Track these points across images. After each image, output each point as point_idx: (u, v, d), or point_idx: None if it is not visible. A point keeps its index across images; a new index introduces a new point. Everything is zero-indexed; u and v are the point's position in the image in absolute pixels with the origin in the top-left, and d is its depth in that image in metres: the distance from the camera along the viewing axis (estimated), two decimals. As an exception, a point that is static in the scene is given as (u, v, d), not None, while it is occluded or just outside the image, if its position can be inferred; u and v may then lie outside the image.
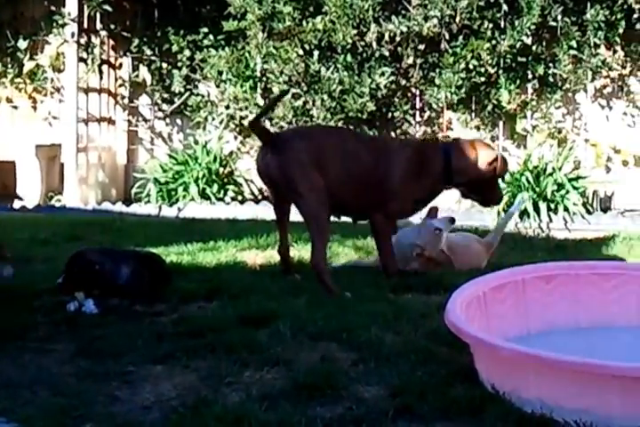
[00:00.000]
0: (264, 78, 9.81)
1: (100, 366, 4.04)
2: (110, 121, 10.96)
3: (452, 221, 6.22)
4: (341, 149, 5.63)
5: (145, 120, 10.99)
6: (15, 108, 11.05)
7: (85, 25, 10.46)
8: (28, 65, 10.74)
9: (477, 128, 10.19)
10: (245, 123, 9.86)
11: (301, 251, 6.50)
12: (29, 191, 10.21)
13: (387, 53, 9.70)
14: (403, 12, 9.62)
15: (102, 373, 3.97)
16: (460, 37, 9.63)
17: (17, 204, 10.05)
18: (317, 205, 5.45)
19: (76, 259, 5.18)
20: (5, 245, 5.38)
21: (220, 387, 3.81)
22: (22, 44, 10.72)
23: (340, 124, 9.57)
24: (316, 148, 5.54)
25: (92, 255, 5.27)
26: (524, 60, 9.80)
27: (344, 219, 6.04)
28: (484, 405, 3.50)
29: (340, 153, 5.60)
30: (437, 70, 9.69)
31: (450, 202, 9.76)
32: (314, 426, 3.37)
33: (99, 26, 10.68)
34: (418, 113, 10.14)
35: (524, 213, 8.83)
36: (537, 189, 8.96)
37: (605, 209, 9.81)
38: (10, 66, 10.80)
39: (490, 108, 9.93)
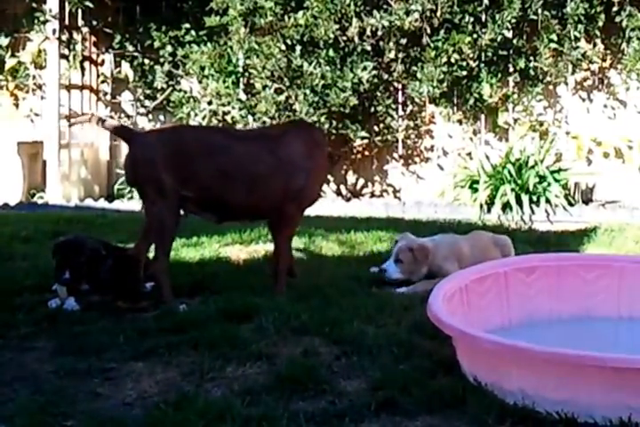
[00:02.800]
0: (246, 74, 9.78)
1: (82, 363, 4.04)
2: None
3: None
4: (211, 145, 5.12)
5: (127, 116, 10.96)
6: (-4, 105, 11.02)
7: (67, 21, 10.40)
8: (10, 62, 10.68)
9: (459, 122, 10.21)
10: (228, 118, 9.85)
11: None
12: (11, 189, 10.15)
13: (369, 48, 9.70)
14: (384, 6, 9.62)
15: (84, 370, 3.97)
16: (442, 31, 9.64)
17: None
18: (164, 210, 4.97)
19: (78, 248, 5.01)
20: None
21: (202, 383, 3.81)
22: (4, 41, 10.65)
23: (322, 118, 9.57)
24: (172, 147, 5.01)
25: (91, 243, 5.13)
26: (505, 53, 9.82)
27: (327, 212, 6.03)
28: (467, 397, 3.52)
29: (210, 150, 5.09)
30: (419, 64, 9.69)
31: (433, 196, 9.79)
32: (296, 420, 3.38)
33: (80, 22, 10.62)
34: (400, 107, 10.14)
35: (506, 206, 8.85)
36: (519, 182, 8.97)
37: (587, 201, 9.84)
38: (-9, 63, 10.76)
39: (472, 101, 9.94)
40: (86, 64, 10.78)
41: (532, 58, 9.82)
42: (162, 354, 4.14)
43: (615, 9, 9.62)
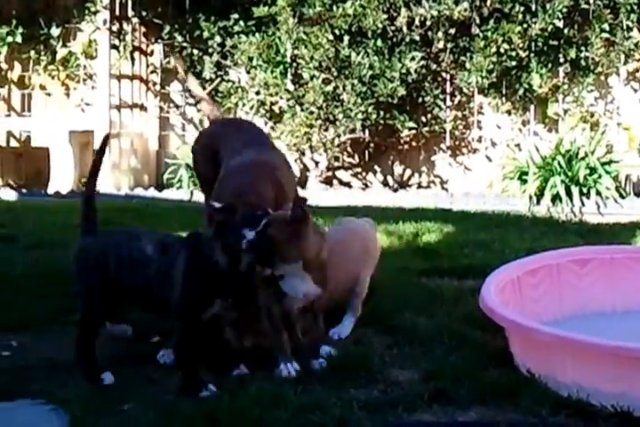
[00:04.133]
0: (294, 64, 9.81)
1: (137, 349, 4.08)
2: (142, 107, 11.01)
3: None
4: None
5: (176, 106, 11.04)
6: (49, 95, 11.15)
7: (117, 12, 10.52)
8: (61, 52, 10.81)
9: (508, 112, 10.15)
10: (276, 109, 9.89)
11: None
12: (63, 177, 10.28)
13: (417, 38, 9.68)
14: (433, -5, 9.59)
15: (138, 356, 4.01)
16: (491, 21, 9.59)
17: (51, 189, 10.13)
18: None
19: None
20: None
21: (255, 370, 3.84)
22: (55, 31, 10.78)
23: (370, 108, 9.56)
24: None
25: None
26: (555, 43, 9.74)
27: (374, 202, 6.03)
28: (520, 389, 3.50)
29: None
30: (468, 54, 9.65)
31: (480, 187, 9.75)
32: (349, 408, 3.39)
33: (130, 13, 10.72)
34: (448, 97, 10.11)
35: (556, 198, 8.78)
36: (569, 174, 8.89)
37: (638, 193, 9.74)
38: (43, 53, 10.88)
39: (521, 92, 9.87)
40: (136, 54, 10.87)
41: (583, 48, 9.73)
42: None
43: (669, -3, 9.50)
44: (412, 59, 9.56)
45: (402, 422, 3.32)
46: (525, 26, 9.51)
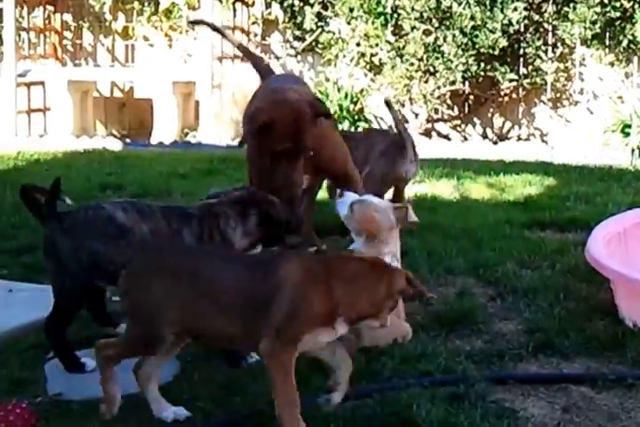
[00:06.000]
0: (395, 15, 9.75)
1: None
2: (243, 59, 11.08)
3: None
4: None
5: (277, 57, 11.09)
6: (151, 46, 11.32)
7: (220, -37, 10.57)
8: (164, 3, 10.94)
9: (611, 64, 9.95)
10: (376, 60, 9.87)
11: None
12: (166, 127, 10.47)
13: (520, -12, 9.53)
14: (538, -56, 9.41)
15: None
16: (597, -30, 9.38)
17: (154, 140, 10.33)
18: None
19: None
20: None
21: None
22: (159, -18, 10.92)
23: (470, 60, 9.49)
24: None
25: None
26: (662, -7, 9.49)
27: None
28: (626, 341, 3.53)
29: None
30: (571, 5, 9.47)
31: (581, 140, 9.62)
32: (456, 357, 3.46)
33: (232, -36, 10.77)
34: (550, 49, 9.95)
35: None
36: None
37: None
38: (147, 4, 11.03)
39: (625, 43, 9.66)
40: (238, 5, 10.92)
41: (690, -3, 9.46)
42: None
43: None
44: (515, 9, 9.42)
45: (509, 373, 3.37)
46: (631, -25, 9.28)
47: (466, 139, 10.45)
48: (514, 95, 10.24)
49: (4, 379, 3.30)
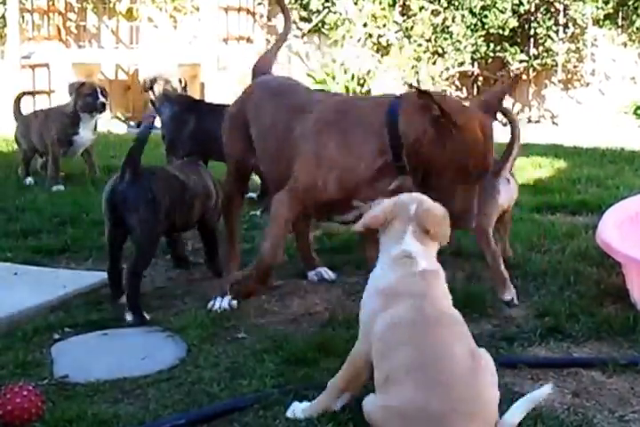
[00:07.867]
0: (403, -5, 9.65)
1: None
2: (249, 40, 10.98)
3: None
4: None
5: (283, 39, 10.95)
6: (156, 27, 11.20)
7: (225, -58, 10.44)
8: (169, -16, 10.84)
9: (624, 45, 9.81)
10: (383, 41, 9.75)
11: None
12: (171, 110, 10.34)
13: (531, -33, 9.41)
14: None
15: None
16: (609, -52, 9.24)
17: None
18: None
19: None
20: None
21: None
22: (163, -38, 10.79)
23: (480, 41, 9.37)
24: None
25: None
26: (677, -28, 9.35)
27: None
28: (637, 325, 3.44)
29: None
30: (583, -16, 9.35)
31: (593, 122, 9.50)
32: (463, 342, 3.37)
33: (238, -57, 10.64)
34: (561, 29, 9.81)
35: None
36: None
37: None
38: (155, -15, 10.92)
39: (638, 23, 9.52)
40: (243, -14, 10.81)
41: None
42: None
43: None
44: (525, -11, 9.31)
45: (519, 357, 3.29)
46: (645, -47, 9.14)
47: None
48: (524, 76, 10.11)
49: (10, 362, 3.27)
